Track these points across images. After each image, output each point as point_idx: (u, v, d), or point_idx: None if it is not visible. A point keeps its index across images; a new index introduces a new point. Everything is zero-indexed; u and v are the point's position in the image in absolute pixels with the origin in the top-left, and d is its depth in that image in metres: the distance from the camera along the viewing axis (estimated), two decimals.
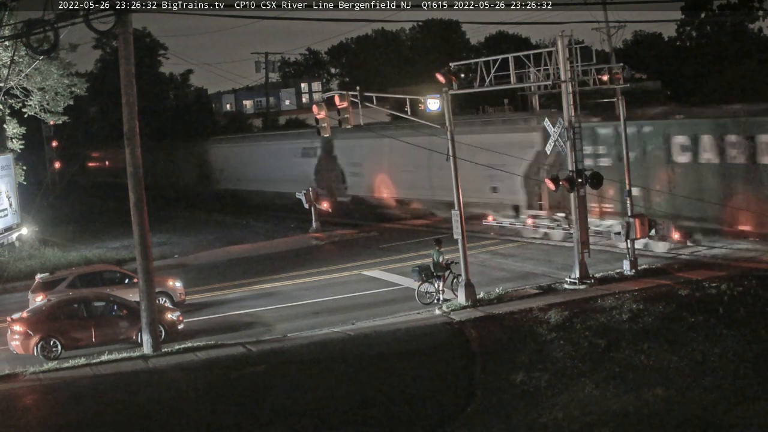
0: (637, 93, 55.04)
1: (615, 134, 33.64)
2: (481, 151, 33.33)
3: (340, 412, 18.64)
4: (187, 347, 24.60)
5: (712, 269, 28.70)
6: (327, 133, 29.96)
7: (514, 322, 24.53)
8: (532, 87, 36.19)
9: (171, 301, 29.21)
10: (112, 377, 22.55)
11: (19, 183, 43.00)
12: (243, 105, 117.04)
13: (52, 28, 24.47)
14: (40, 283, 29.57)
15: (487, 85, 29.16)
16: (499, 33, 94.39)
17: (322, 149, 52.50)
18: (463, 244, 27.48)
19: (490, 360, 21.34)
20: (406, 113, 29.43)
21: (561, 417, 17.02)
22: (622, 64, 31.91)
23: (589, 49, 30.60)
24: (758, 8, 66.88)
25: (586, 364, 19.97)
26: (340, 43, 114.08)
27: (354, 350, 23.20)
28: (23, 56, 37.15)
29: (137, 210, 24.60)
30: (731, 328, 21.56)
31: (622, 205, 31.28)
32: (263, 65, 76.38)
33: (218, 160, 65.28)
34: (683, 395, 17.53)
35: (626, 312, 23.90)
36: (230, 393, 20.63)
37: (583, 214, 28.60)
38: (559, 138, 28.35)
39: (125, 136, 24.48)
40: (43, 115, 42.95)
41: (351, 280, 32.93)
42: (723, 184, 30.85)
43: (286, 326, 26.88)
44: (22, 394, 21.81)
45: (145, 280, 24.70)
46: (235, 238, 44.89)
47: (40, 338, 24.94)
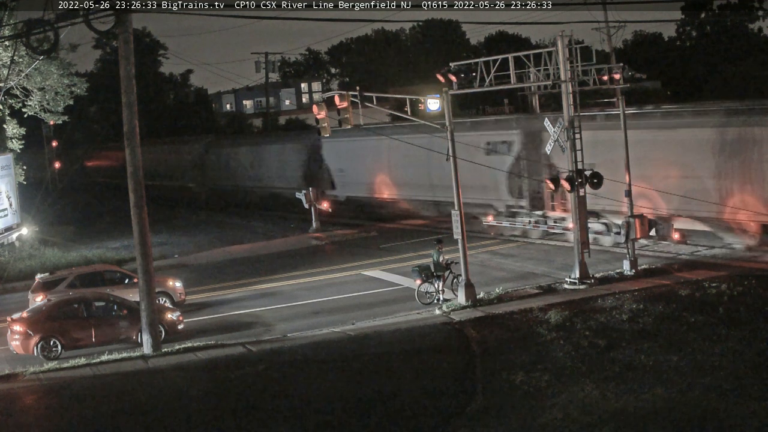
0: (637, 93, 55.13)
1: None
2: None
3: (340, 412, 18.63)
4: (187, 347, 24.60)
5: (712, 269, 28.70)
6: (327, 133, 29.83)
7: (514, 322, 24.52)
8: (532, 87, 36.20)
9: (171, 301, 29.21)
10: (112, 377, 22.55)
11: (19, 183, 43.00)
12: (243, 105, 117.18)
13: (52, 28, 24.51)
14: (40, 283, 29.56)
15: (487, 85, 29.17)
16: (499, 33, 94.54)
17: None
18: (463, 244, 27.47)
19: (490, 360, 21.33)
20: (406, 113, 29.43)
21: (561, 417, 17.02)
22: (622, 64, 31.90)
23: (589, 49, 30.59)
24: (758, 8, 66.97)
25: (586, 364, 19.96)
26: (340, 43, 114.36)
27: (354, 350, 23.19)
28: (23, 56, 37.17)
29: (137, 210, 24.60)
30: (731, 328, 21.56)
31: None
32: (263, 65, 76.39)
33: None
34: (683, 395, 17.52)
35: (626, 312, 23.91)
36: (230, 393, 20.62)
37: (583, 214, 28.61)
38: (559, 138, 28.34)
39: (125, 136, 24.47)
40: (43, 115, 42.98)
41: (351, 280, 32.93)
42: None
43: (286, 326, 26.88)
44: (22, 394, 21.80)
45: (145, 280, 24.70)
46: (235, 238, 44.91)
47: (40, 338, 24.94)
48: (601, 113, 35.26)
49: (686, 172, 30.93)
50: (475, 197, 37.65)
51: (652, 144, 31.96)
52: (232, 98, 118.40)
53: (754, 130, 29.19)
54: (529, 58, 29.08)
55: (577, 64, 28.46)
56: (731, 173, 29.75)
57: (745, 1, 67.55)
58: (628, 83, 29.95)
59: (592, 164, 28.92)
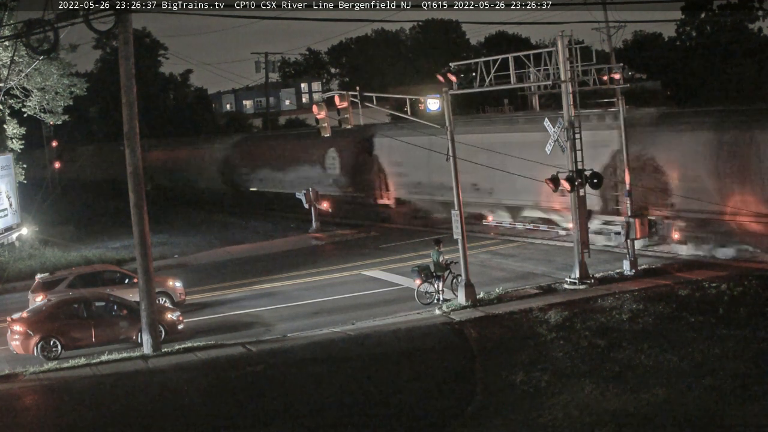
0: (637, 93, 55.08)
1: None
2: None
3: (340, 412, 18.63)
4: (187, 347, 24.60)
5: (712, 269, 28.70)
6: (327, 133, 29.72)
7: (514, 322, 24.53)
8: (532, 87, 36.17)
9: (171, 301, 29.21)
10: (112, 377, 22.55)
11: (19, 183, 43.00)
12: (243, 105, 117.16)
13: (52, 28, 24.48)
14: (40, 283, 29.56)
15: (487, 85, 29.17)
16: (499, 33, 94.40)
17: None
18: (463, 244, 27.48)
19: (490, 360, 21.33)
20: (406, 113, 29.44)
21: (561, 417, 17.03)
22: (622, 64, 31.90)
23: (589, 49, 30.63)
24: (758, 8, 66.92)
25: (586, 364, 19.97)
26: (340, 43, 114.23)
27: (354, 350, 23.20)
28: (23, 56, 37.15)
29: (137, 210, 24.60)
30: (731, 328, 21.57)
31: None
32: (263, 65, 76.38)
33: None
34: (683, 395, 17.53)
35: (626, 312, 23.92)
36: (230, 393, 20.62)
37: (583, 214, 28.60)
38: (559, 138, 28.33)
39: (125, 136, 24.47)
40: (43, 115, 42.96)
41: (351, 280, 32.92)
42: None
43: (286, 326, 26.87)
44: (22, 394, 21.80)
45: (145, 280, 24.69)
46: (235, 238, 44.90)
47: (40, 338, 24.94)
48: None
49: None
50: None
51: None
52: (232, 98, 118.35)
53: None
54: (529, 58, 29.08)
55: (577, 64, 28.46)
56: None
57: (745, 1, 67.51)
58: (628, 83, 29.91)
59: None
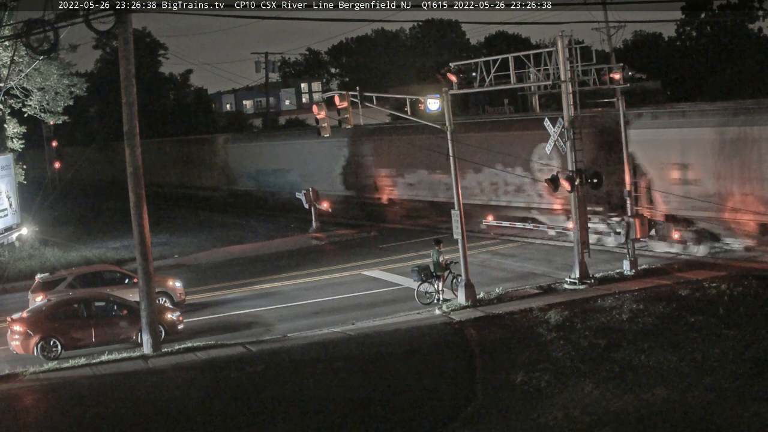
0: (637, 93, 55.04)
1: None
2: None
3: (340, 412, 18.64)
4: (187, 347, 24.60)
5: (712, 269, 28.71)
6: (327, 133, 29.68)
7: (514, 322, 24.53)
8: (532, 87, 36.19)
9: (171, 301, 29.20)
10: (112, 377, 22.55)
11: (19, 183, 43.01)
12: (243, 105, 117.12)
13: (52, 28, 24.46)
14: (40, 283, 29.55)
15: (487, 85, 29.17)
16: (499, 33, 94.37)
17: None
18: (463, 244, 27.47)
19: (490, 360, 21.33)
20: (406, 113, 29.44)
21: (561, 417, 17.02)
22: (622, 64, 31.90)
23: (589, 49, 30.61)
24: (758, 8, 66.95)
25: (586, 364, 19.96)
26: (340, 43, 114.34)
27: (354, 350, 23.20)
28: (23, 56, 37.18)
29: (137, 210, 24.59)
30: (731, 328, 21.57)
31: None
32: (263, 65, 76.35)
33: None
34: (683, 395, 17.52)
35: (626, 312, 23.91)
36: (230, 393, 20.62)
37: (583, 214, 28.60)
38: (558, 138, 28.35)
39: (125, 136, 24.46)
40: (43, 115, 42.98)
41: (351, 280, 32.92)
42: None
43: (286, 326, 26.88)
44: (22, 394, 21.80)
45: (145, 280, 24.69)
46: (235, 238, 44.89)
47: (40, 338, 24.93)
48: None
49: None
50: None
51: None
52: (232, 98, 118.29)
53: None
54: (529, 58, 29.07)
55: (577, 64, 28.46)
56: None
57: (745, 1, 67.53)
58: (628, 83, 29.85)
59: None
